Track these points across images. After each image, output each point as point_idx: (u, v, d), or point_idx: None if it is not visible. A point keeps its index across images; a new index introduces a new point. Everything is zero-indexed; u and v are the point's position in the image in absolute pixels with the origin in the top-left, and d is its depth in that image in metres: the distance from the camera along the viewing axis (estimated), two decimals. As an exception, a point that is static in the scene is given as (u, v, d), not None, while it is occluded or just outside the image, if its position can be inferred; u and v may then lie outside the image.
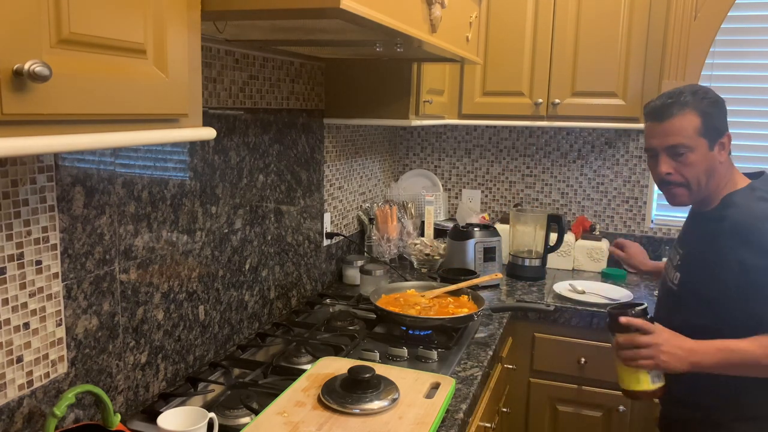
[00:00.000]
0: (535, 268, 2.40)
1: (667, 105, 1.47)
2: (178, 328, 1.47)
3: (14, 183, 1.02)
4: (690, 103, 1.46)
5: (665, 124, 1.47)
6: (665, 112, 1.47)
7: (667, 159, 1.48)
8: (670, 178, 1.49)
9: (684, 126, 1.45)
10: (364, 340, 1.71)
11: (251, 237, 1.73)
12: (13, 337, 1.05)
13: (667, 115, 1.47)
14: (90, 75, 0.70)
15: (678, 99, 1.47)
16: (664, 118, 1.47)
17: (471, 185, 2.88)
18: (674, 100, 1.47)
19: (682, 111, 1.46)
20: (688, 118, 1.45)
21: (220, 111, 1.55)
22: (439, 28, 1.43)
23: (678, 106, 1.46)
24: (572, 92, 2.30)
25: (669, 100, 1.48)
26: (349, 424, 1.19)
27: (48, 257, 1.10)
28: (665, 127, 1.47)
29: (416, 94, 2.04)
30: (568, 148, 2.71)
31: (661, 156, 1.49)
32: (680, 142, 1.45)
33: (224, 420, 1.25)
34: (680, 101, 1.46)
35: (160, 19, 0.81)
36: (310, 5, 0.94)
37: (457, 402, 1.38)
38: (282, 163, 1.87)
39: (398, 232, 2.43)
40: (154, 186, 1.35)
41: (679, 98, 1.47)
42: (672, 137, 1.46)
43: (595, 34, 2.24)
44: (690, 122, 1.45)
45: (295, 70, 1.91)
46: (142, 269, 1.33)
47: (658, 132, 1.49)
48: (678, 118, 1.46)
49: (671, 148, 1.47)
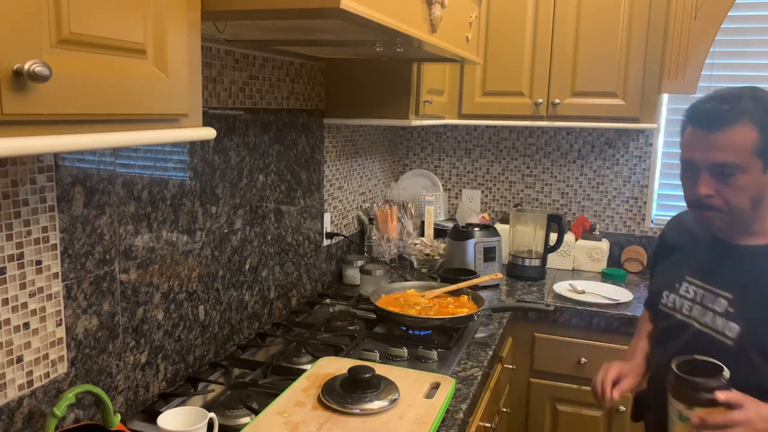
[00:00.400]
0: (535, 268, 2.40)
1: (722, 112, 1.19)
2: (178, 328, 1.47)
3: (14, 183, 1.02)
4: (750, 113, 1.18)
5: (715, 136, 1.19)
6: (717, 120, 1.19)
7: (710, 179, 1.22)
8: (711, 201, 1.23)
9: (738, 141, 1.17)
10: (364, 340, 1.71)
11: (251, 237, 1.73)
12: (13, 337, 1.05)
13: (720, 124, 1.19)
14: (90, 75, 0.70)
15: (735, 105, 1.19)
16: (715, 127, 1.19)
17: (471, 185, 2.88)
18: (731, 106, 1.19)
19: (738, 122, 1.18)
20: (744, 132, 1.17)
21: (220, 111, 1.55)
22: (439, 28, 1.43)
23: (734, 115, 1.18)
24: (572, 92, 2.30)
25: (724, 105, 1.20)
26: (349, 424, 1.19)
27: (48, 257, 1.10)
28: (715, 139, 1.19)
29: (416, 94, 2.04)
30: (568, 148, 2.71)
31: (702, 174, 1.22)
32: (731, 161, 1.18)
33: (224, 420, 1.25)
34: (738, 108, 1.18)
35: (160, 19, 0.81)
36: (310, 5, 0.94)
37: (457, 402, 1.38)
38: (282, 163, 1.87)
39: (398, 232, 2.43)
40: (154, 186, 1.35)
41: (737, 104, 1.19)
42: (721, 153, 1.18)
43: (595, 34, 2.24)
44: (746, 137, 1.17)
45: (295, 70, 1.91)
46: (142, 269, 1.33)
47: (704, 144, 1.21)
48: (732, 130, 1.18)
49: (718, 167, 1.20)
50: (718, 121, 1.20)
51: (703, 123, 1.22)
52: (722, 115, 1.19)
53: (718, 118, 1.20)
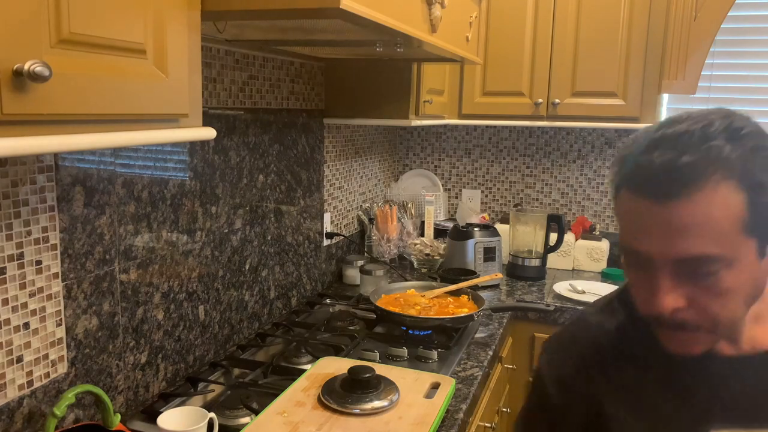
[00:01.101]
0: (535, 268, 2.40)
1: (680, 168, 0.69)
2: (178, 328, 1.47)
3: (14, 183, 1.02)
4: (728, 161, 0.69)
5: (674, 209, 0.70)
6: (674, 182, 0.70)
7: (675, 281, 0.73)
8: (681, 317, 0.75)
9: (716, 214, 0.69)
10: (364, 340, 1.71)
11: (251, 237, 1.73)
12: (13, 337, 1.05)
13: (679, 188, 0.70)
14: (90, 75, 0.70)
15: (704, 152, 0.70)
16: (672, 194, 0.70)
17: (471, 185, 2.88)
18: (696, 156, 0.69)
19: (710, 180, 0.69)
20: (723, 196, 0.69)
21: (220, 111, 1.55)
22: (439, 28, 1.43)
23: (702, 170, 0.69)
24: (572, 92, 2.30)
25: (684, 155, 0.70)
26: (349, 424, 1.19)
27: (48, 257, 1.10)
28: (674, 214, 0.70)
29: (416, 94, 2.04)
30: (568, 148, 2.71)
31: (661, 275, 0.73)
32: (706, 253, 0.70)
33: (224, 420, 1.25)
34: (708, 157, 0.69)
35: (160, 19, 0.81)
36: (310, 5, 0.94)
37: (457, 402, 1.38)
38: (282, 163, 1.87)
39: (398, 232, 2.43)
40: (154, 186, 1.35)
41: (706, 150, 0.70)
42: (689, 240, 0.70)
43: (595, 34, 2.24)
44: (727, 205, 0.69)
45: (295, 70, 1.91)
46: (142, 269, 1.33)
47: (658, 224, 0.72)
48: (703, 196, 0.69)
49: (686, 263, 0.72)
50: (675, 183, 0.69)
51: (650, 188, 0.71)
52: (682, 173, 0.69)
53: (674, 180, 0.69)
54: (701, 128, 0.71)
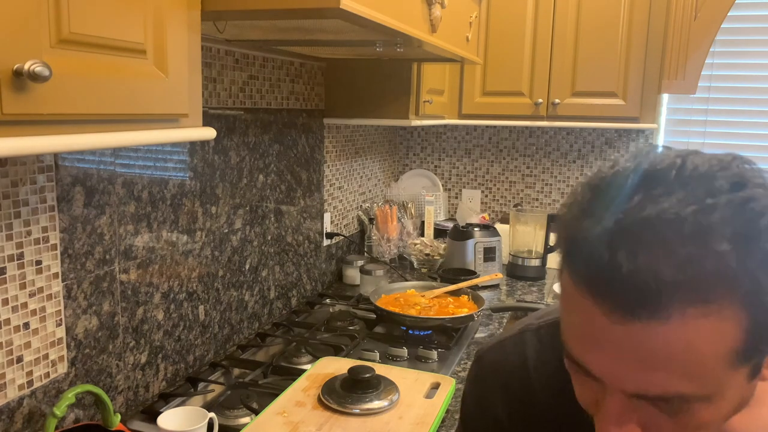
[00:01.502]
0: (535, 268, 2.40)
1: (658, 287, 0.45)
2: (178, 328, 1.47)
3: (14, 183, 1.02)
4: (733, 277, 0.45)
5: (642, 331, 0.47)
6: (649, 299, 0.46)
7: (631, 408, 0.53)
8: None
9: (699, 348, 0.47)
10: (364, 340, 1.71)
11: (251, 237, 1.73)
12: (13, 337, 1.05)
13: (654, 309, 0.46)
14: (90, 75, 0.70)
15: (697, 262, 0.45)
16: (643, 315, 0.46)
17: (471, 185, 2.88)
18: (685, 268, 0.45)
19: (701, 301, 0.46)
20: (713, 324, 0.46)
21: (220, 111, 1.55)
22: (439, 28, 1.43)
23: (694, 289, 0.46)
24: (572, 92, 2.30)
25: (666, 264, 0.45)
26: (349, 424, 1.19)
27: (48, 257, 1.10)
28: (641, 338, 0.47)
29: (416, 94, 2.04)
30: (568, 148, 2.71)
31: (614, 399, 0.53)
32: (680, 392, 0.49)
33: (224, 420, 1.25)
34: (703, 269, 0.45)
35: (160, 19, 0.81)
36: (310, 5, 0.94)
37: (457, 402, 1.38)
38: (282, 163, 1.87)
39: (398, 232, 2.43)
40: (154, 186, 1.35)
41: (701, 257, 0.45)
42: (657, 373, 0.48)
43: (595, 34, 2.24)
44: (719, 335, 0.47)
45: (295, 70, 1.91)
46: (142, 269, 1.33)
47: (614, 342, 0.49)
48: (685, 322, 0.46)
49: (649, 398, 0.51)
50: (649, 302, 0.46)
51: (610, 298, 0.48)
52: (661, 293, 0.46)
53: (648, 297, 0.46)
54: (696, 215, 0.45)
